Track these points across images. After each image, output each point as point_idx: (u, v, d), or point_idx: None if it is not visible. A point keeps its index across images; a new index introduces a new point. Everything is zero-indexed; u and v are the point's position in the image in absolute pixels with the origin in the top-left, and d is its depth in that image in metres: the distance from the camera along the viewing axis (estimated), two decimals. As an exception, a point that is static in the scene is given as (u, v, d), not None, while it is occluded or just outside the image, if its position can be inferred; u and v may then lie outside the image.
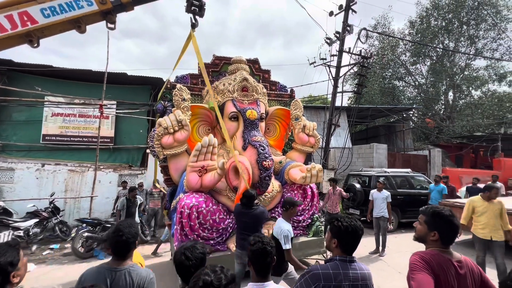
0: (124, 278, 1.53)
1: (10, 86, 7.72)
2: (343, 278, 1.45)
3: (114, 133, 8.74)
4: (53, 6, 3.05)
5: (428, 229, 1.53)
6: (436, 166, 12.99)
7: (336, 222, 1.56)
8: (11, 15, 2.94)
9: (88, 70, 8.14)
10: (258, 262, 1.47)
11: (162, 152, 4.20)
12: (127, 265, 1.59)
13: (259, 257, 1.47)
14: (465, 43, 20.20)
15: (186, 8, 3.76)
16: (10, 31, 2.94)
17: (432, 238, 1.50)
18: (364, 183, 8.16)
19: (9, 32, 2.94)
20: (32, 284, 4.19)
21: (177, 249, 1.50)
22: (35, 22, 3.02)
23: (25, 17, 2.97)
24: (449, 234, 1.48)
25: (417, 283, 1.32)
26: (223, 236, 4.13)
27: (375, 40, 22.11)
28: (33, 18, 3.00)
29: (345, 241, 1.53)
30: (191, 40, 4.05)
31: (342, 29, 9.43)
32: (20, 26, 2.96)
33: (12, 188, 7.48)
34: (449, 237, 1.48)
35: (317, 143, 5.27)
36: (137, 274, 1.57)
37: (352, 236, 1.51)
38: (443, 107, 21.74)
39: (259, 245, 1.48)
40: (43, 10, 3.03)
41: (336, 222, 1.56)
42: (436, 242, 1.49)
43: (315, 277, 1.47)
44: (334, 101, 9.61)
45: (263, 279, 1.47)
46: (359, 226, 1.53)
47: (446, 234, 1.48)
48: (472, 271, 1.41)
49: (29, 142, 8.10)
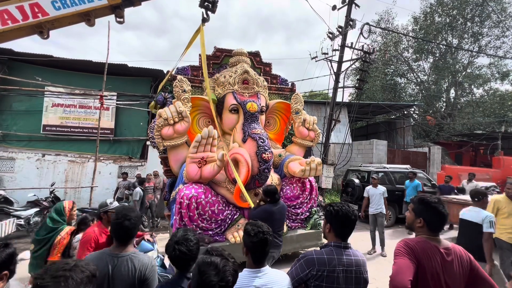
0: (126, 264, 1.53)
1: (11, 76, 7.70)
2: (337, 263, 1.48)
3: (114, 125, 8.75)
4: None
5: (415, 216, 1.56)
6: (436, 164, 13.02)
7: (329, 207, 1.61)
8: (22, 6, 3.00)
9: (88, 60, 8.10)
10: (259, 251, 1.49)
11: (162, 143, 4.21)
12: (129, 252, 1.59)
13: (260, 247, 1.49)
14: (469, 40, 20.02)
15: (199, 3, 3.78)
16: (22, 22, 3.01)
17: (418, 225, 1.53)
18: (363, 179, 8.20)
19: (20, 23, 3.01)
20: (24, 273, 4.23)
21: (168, 242, 1.50)
22: (46, 14, 3.09)
23: (36, 8, 3.04)
24: (434, 220, 1.50)
25: (396, 267, 1.35)
26: (222, 227, 4.17)
27: (378, 35, 21.93)
28: (44, 10, 3.07)
29: (336, 225, 1.57)
30: (199, 34, 4.11)
31: (344, 24, 9.34)
32: (31, 18, 3.03)
33: (12, 178, 7.52)
34: (434, 223, 1.50)
35: (317, 137, 5.28)
36: (139, 260, 1.57)
37: (343, 219, 1.54)
38: (444, 105, 21.67)
39: (261, 235, 1.49)
40: (54, 2, 3.10)
41: (328, 207, 1.62)
42: (423, 229, 1.52)
43: (309, 262, 1.51)
44: (335, 96, 9.58)
45: (260, 265, 1.50)
46: (351, 210, 1.56)
47: (431, 221, 1.50)
48: (460, 258, 1.43)
49: (29, 132, 8.11)
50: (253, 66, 5.38)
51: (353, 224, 1.57)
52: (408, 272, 1.30)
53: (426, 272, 1.36)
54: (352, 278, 1.49)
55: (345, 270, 1.48)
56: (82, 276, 0.93)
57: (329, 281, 1.46)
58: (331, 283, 1.46)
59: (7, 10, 2.97)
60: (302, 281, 1.53)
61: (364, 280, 1.53)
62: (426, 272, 1.36)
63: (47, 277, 0.88)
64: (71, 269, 0.92)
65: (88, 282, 0.95)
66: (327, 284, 1.46)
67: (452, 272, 1.39)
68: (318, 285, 1.47)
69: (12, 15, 2.97)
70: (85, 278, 0.94)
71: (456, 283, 1.39)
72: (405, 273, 1.29)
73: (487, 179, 11.98)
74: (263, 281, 1.43)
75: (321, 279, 1.46)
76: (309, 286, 1.51)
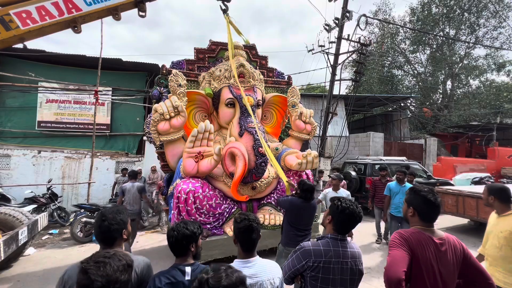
0: None
1: (3, 72, 7.57)
2: (333, 255, 1.51)
3: (110, 120, 8.68)
4: None
5: (407, 206, 1.59)
6: (432, 155, 13.15)
7: (337, 201, 1.62)
8: (56, 2, 3.24)
9: (82, 55, 7.97)
10: (244, 239, 1.52)
11: (159, 138, 4.20)
12: None
13: (246, 233, 1.51)
14: (466, 31, 19.96)
15: None
16: (58, 18, 3.27)
17: (410, 215, 1.55)
18: (360, 171, 8.27)
19: (57, 18, 3.26)
20: (32, 267, 4.28)
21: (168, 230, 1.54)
22: (79, 9, 3.35)
23: (70, 4, 3.30)
24: (425, 210, 1.50)
25: (391, 258, 1.37)
26: (220, 221, 4.21)
27: (375, 27, 21.78)
28: (77, 5, 3.34)
29: (338, 220, 1.58)
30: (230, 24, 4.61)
31: (341, 15, 9.26)
32: (66, 13, 3.29)
33: (9, 175, 7.48)
34: (426, 213, 1.51)
35: (313, 130, 5.29)
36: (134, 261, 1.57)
37: (347, 218, 1.56)
38: (441, 97, 21.74)
39: (246, 222, 1.52)
40: None
41: (337, 201, 1.62)
42: (415, 219, 1.53)
43: (306, 253, 1.54)
44: (331, 89, 9.56)
45: (249, 254, 1.52)
46: (357, 211, 1.57)
47: (422, 210, 1.51)
48: (454, 247, 1.46)
49: (24, 129, 8.02)
50: (249, 59, 5.34)
51: (355, 224, 1.59)
52: (402, 263, 1.32)
53: (420, 263, 1.38)
54: (348, 269, 1.52)
55: (340, 261, 1.51)
56: (119, 264, 1.04)
57: (325, 272, 1.49)
58: (327, 274, 1.49)
59: (44, 7, 3.21)
60: (298, 272, 1.57)
61: (359, 271, 1.56)
62: (420, 263, 1.38)
63: (91, 262, 1.02)
64: (110, 256, 1.05)
65: (124, 270, 1.05)
66: (323, 275, 1.49)
67: (446, 261, 1.41)
68: (314, 276, 1.50)
69: (49, 11, 3.23)
70: (121, 266, 1.04)
71: (450, 273, 1.41)
72: (399, 264, 1.31)
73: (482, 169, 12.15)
74: (253, 270, 1.45)
75: (317, 270, 1.50)
76: (305, 277, 1.55)
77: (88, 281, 0.97)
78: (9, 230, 3.90)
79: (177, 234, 1.46)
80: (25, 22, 3.16)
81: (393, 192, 4.86)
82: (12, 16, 3.10)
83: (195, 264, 1.48)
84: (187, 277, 1.40)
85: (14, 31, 3.12)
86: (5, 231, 3.84)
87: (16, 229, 3.82)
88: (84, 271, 0.99)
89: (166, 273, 1.41)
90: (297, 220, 2.96)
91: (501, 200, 2.07)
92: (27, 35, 3.25)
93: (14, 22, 3.11)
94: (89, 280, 0.96)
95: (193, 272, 1.43)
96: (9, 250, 3.56)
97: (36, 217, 4.42)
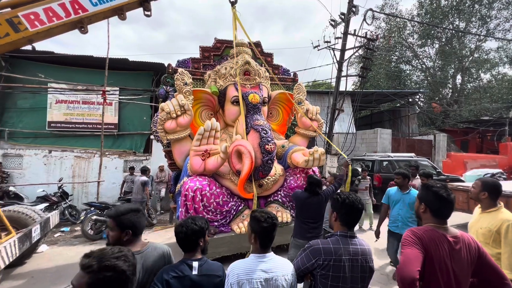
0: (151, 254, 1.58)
1: (13, 73, 7.74)
2: (343, 253, 1.50)
3: (117, 120, 8.79)
4: None
5: (419, 202, 1.55)
6: (441, 151, 12.90)
7: (336, 196, 1.64)
8: (63, 4, 3.27)
9: (89, 56, 8.08)
10: (267, 237, 1.54)
11: (166, 136, 4.24)
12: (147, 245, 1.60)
13: (270, 232, 1.54)
14: (476, 24, 19.41)
15: None
16: (65, 19, 3.30)
17: (421, 211, 1.52)
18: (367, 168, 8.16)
19: (64, 19, 3.29)
20: (45, 264, 4.39)
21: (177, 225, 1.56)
22: (86, 10, 3.38)
23: (76, 5, 3.33)
24: (437, 206, 1.46)
25: (404, 257, 1.33)
26: (227, 218, 4.23)
27: (382, 21, 21.38)
28: (83, 6, 3.37)
29: (342, 213, 1.58)
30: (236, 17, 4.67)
31: (347, 10, 9.12)
32: (73, 14, 3.32)
33: (21, 174, 7.67)
34: (438, 210, 1.46)
35: (320, 127, 5.25)
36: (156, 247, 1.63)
37: (350, 208, 1.56)
38: (451, 91, 21.26)
39: (270, 221, 1.53)
40: None
41: (335, 196, 1.64)
42: (427, 216, 1.49)
43: (316, 252, 1.52)
44: (338, 85, 9.46)
45: (266, 250, 1.54)
46: (357, 200, 1.58)
47: (434, 207, 1.47)
48: (468, 246, 1.41)
49: (35, 129, 8.21)
50: (254, 57, 5.32)
51: (359, 213, 1.59)
52: (416, 262, 1.28)
53: (433, 261, 1.35)
54: (358, 267, 1.51)
55: (351, 259, 1.50)
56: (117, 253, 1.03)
57: (335, 270, 1.48)
58: (337, 272, 1.48)
59: (51, 8, 3.24)
60: (308, 271, 1.56)
61: (370, 268, 1.55)
62: (433, 261, 1.35)
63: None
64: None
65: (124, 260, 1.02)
66: (333, 273, 1.48)
67: (460, 260, 1.38)
68: (324, 274, 1.49)
69: (56, 13, 3.26)
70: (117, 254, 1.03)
71: (464, 271, 1.38)
72: (413, 264, 1.28)
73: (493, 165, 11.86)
74: (268, 265, 1.47)
75: (327, 268, 1.48)
76: (315, 275, 1.54)
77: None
78: (22, 227, 4.00)
79: (186, 229, 1.49)
80: (33, 23, 3.20)
81: (392, 200, 3.58)
82: (20, 18, 3.15)
83: (202, 259, 1.51)
84: (194, 272, 1.42)
85: (22, 33, 3.17)
86: (19, 229, 3.94)
87: (30, 227, 3.92)
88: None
89: (174, 267, 1.44)
90: (301, 212, 3.08)
91: (492, 196, 2.01)
92: (35, 36, 3.30)
93: (22, 24, 3.16)
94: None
95: (200, 267, 1.45)
96: (23, 247, 3.66)
97: (48, 215, 4.53)
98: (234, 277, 1.39)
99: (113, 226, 1.51)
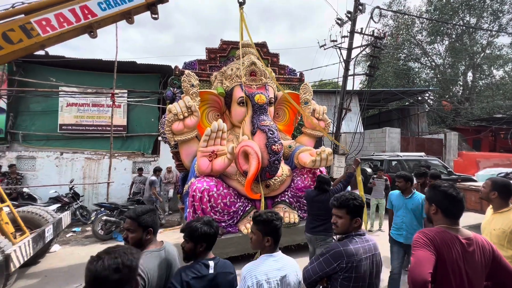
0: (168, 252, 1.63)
1: (26, 78, 7.97)
2: (362, 252, 1.51)
3: (126, 122, 8.94)
4: (108, 0, 3.51)
5: (429, 203, 1.51)
6: (452, 150, 12.60)
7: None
8: (73, 9, 3.38)
9: (98, 59, 8.24)
10: (280, 235, 1.58)
11: (173, 138, 4.28)
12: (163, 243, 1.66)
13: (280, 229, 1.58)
14: (488, 19, 18.88)
15: None
16: (76, 24, 3.40)
17: (433, 212, 1.48)
18: (376, 168, 8.05)
19: (74, 24, 3.40)
20: (58, 263, 4.50)
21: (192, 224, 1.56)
22: (95, 15, 3.48)
23: (86, 10, 3.43)
24: (447, 205, 1.42)
25: (415, 259, 1.29)
26: (234, 219, 4.24)
27: (389, 19, 21.03)
28: (92, 11, 3.46)
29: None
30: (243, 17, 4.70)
31: (353, 9, 9.02)
32: (82, 19, 3.42)
33: (34, 176, 7.88)
34: (449, 209, 1.42)
35: (327, 127, 5.21)
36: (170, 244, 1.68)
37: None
38: (461, 89, 20.74)
39: (278, 217, 1.57)
40: (100, 4, 3.48)
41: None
42: (439, 217, 1.45)
43: (337, 255, 1.49)
44: (345, 84, 9.36)
45: (275, 249, 1.56)
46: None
47: (444, 206, 1.43)
48: (482, 248, 1.37)
49: (47, 132, 8.43)
50: (260, 57, 5.32)
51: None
52: (428, 265, 1.25)
53: (446, 264, 1.31)
54: (373, 262, 1.54)
55: (368, 257, 1.52)
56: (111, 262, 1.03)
57: (357, 271, 1.47)
58: (359, 272, 1.47)
59: (62, 14, 3.35)
60: (326, 275, 1.53)
61: (381, 262, 1.59)
62: (446, 264, 1.31)
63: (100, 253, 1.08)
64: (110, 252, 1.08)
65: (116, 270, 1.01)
66: (356, 274, 1.47)
67: (474, 262, 1.33)
68: (347, 277, 1.47)
69: (67, 18, 3.37)
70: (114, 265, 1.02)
71: (478, 274, 1.34)
72: (425, 266, 1.25)
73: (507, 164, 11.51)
74: (280, 264, 1.50)
75: (350, 270, 1.47)
76: (336, 279, 1.51)
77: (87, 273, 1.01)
78: (36, 228, 4.12)
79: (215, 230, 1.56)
80: (45, 29, 3.30)
81: (394, 205, 3.26)
82: (33, 24, 3.25)
83: (216, 258, 1.54)
84: (211, 271, 1.45)
85: (35, 39, 3.27)
86: (33, 229, 4.06)
87: (43, 227, 4.02)
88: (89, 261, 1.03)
89: (191, 268, 1.45)
90: (311, 209, 3.33)
91: (502, 196, 1.95)
92: (47, 42, 3.39)
93: (35, 30, 3.26)
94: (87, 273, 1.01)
95: (215, 266, 1.48)
96: (37, 247, 3.77)
97: (60, 216, 4.64)
98: (253, 278, 1.41)
99: (134, 227, 1.52)
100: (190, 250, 1.50)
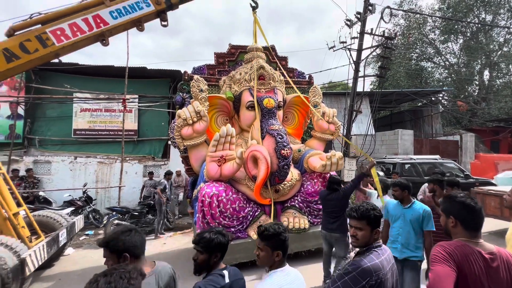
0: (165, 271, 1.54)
1: (42, 85, 8.27)
2: (386, 264, 1.46)
3: (137, 126, 9.11)
4: (119, 9, 3.62)
5: (446, 216, 1.41)
6: (469, 152, 12.15)
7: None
8: (86, 19, 3.50)
9: (110, 66, 8.45)
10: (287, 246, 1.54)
11: (182, 143, 4.31)
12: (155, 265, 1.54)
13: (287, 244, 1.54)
14: (505, 16, 18.22)
15: None
16: (88, 32, 3.52)
17: (451, 225, 1.38)
18: (388, 171, 7.85)
19: (87, 33, 3.51)
20: (71, 266, 4.59)
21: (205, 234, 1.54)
22: (107, 23, 3.59)
23: (98, 19, 3.54)
24: (467, 217, 1.33)
25: (434, 275, 1.20)
26: (244, 224, 4.20)
27: (401, 18, 20.63)
28: (104, 20, 3.57)
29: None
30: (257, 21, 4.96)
31: (363, 9, 8.89)
32: (95, 28, 3.54)
33: (50, 179, 8.12)
34: (469, 220, 1.33)
35: (337, 130, 5.12)
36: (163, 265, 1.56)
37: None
38: (477, 88, 20.03)
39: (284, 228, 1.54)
40: (111, 12, 3.58)
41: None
42: (458, 230, 1.36)
43: (366, 273, 1.38)
44: (355, 86, 9.21)
45: (284, 263, 1.54)
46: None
47: (464, 218, 1.33)
48: (507, 263, 1.28)
49: (62, 137, 8.69)
50: (268, 61, 5.30)
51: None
52: (448, 281, 1.16)
53: (468, 281, 1.21)
54: (393, 273, 1.50)
55: (390, 267, 1.48)
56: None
57: (385, 285, 1.41)
58: (386, 286, 1.42)
59: (76, 23, 3.47)
60: None
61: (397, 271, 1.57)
62: (468, 281, 1.21)
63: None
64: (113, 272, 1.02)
65: None
66: None
67: (498, 279, 1.24)
68: None
69: (80, 27, 3.48)
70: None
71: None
72: (445, 282, 1.16)
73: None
74: (290, 278, 1.48)
75: (378, 285, 1.39)
76: None
77: None
78: (50, 231, 4.22)
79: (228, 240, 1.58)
80: (59, 38, 3.41)
81: (390, 215, 2.93)
82: (48, 34, 3.37)
83: (227, 266, 1.55)
84: (227, 280, 1.46)
85: (50, 48, 3.38)
86: (48, 233, 4.16)
87: (57, 231, 4.12)
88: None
89: (209, 281, 1.44)
90: (325, 207, 3.62)
91: None
92: (61, 50, 3.50)
93: (50, 40, 3.37)
94: None
95: (229, 274, 1.48)
96: (51, 251, 3.85)
97: (74, 219, 4.74)
98: None
99: (107, 254, 1.39)
100: (204, 262, 1.48)
